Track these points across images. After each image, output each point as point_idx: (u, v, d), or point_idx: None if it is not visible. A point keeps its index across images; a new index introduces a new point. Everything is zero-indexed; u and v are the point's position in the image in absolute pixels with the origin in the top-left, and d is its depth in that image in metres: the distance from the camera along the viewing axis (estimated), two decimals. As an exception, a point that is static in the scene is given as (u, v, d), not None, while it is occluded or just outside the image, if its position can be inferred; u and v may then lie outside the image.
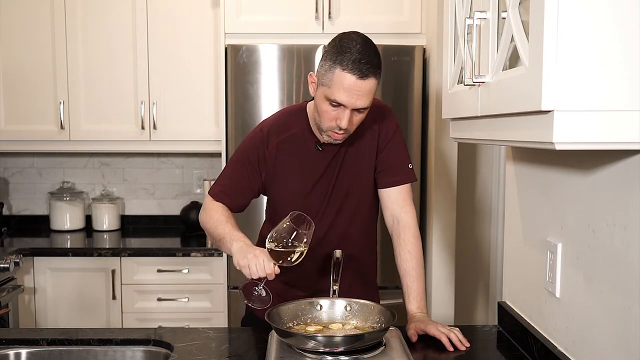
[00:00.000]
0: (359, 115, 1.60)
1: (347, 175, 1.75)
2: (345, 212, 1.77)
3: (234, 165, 1.78)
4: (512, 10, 1.04)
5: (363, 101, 1.55)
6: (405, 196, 1.78)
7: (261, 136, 1.75)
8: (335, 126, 1.59)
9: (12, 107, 3.21)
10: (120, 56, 3.18)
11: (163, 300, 3.00)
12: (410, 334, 1.61)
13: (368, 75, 1.52)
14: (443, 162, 2.80)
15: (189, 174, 3.57)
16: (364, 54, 1.52)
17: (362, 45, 1.53)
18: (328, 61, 1.55)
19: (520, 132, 1.04)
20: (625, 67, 0.90)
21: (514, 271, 1.71)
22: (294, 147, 1.73)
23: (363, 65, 1.51)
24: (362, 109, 1.57)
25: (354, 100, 1.54)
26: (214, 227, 1.69)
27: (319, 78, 1.58)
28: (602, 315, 1.21)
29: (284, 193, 1.76)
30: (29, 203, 3.61)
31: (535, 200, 1.54)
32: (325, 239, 1.75)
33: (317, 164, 1.73)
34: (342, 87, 1.52)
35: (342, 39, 1.56)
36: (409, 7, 2.86)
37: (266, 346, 1.52)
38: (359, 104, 1.55)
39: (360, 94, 1.53)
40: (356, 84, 1.52)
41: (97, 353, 1.63)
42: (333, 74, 1.53)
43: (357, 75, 1.51)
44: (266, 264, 1.49)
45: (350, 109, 1.55)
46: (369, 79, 1.52)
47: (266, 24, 2.86)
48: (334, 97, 1.54)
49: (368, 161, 1.76)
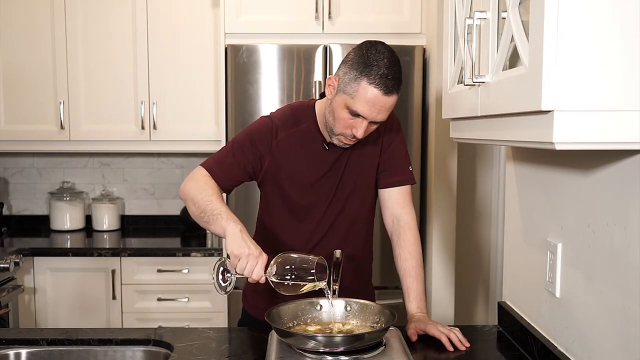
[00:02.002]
0: (374, 126, 1.61)
1: (351, 176, 1.75)
2: (346, 212, 1.77)
3: (237, 145, 1.72)
4: (512, 10, 1.04)
5: (383, 115, 1.57)
6: (406, 197, 1.78)
7: (271, 125, 1.72)
8: (350, 134, 1.60)
9: (12, 107, 3.21)
10: (120, 56, 3.18)
11: (163, 300, 3.00)
12: (410, 334, 1.61)
13: (393, 92, 1.53)
14: (443, 162, 2.80)
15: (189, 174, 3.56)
16: (391, 70, 1.52)
17: (389, 60, 1.53)
18: (354, 71, 1.54)
19: (520, 132, 1.04)
20: (625, 67, 0.90)
21: (514, 271, 1.71)
22: (301, 143, 1.72)
23: (390, 81, 1.51)
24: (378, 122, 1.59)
25: (375, 114, 1.55)
26: (206, 201, 1.59)
27: (341, 84, 1.57)
28: (602, 315, 1.21)
29: (286, 187, 1.74)
30: (29, 203, 3.61)
31: (535, 200, 1.54)
32: (325, 239, 1.75)
33: (322, 162, 1.73)
34: (365, 100, 1.53)
35: (369, 49, 1.55)
36: (409, 7, 2.86)
37: (266, 346, 1.52)
38: (379, 118, 1.57)
39: (382, 109, 1.55)
40: (381, 100, 1.53)
41: (97, 353, 1.63)
42: (358, 85, 1.53)
43: (383, 91, 1.51)
44: (257, 269, 1.44)
45: (368, 120, 1.56)
46: (393, 95, 1.54)
47: (266, 24, 2.86)
48: (356, 108, 1.54)
49: (371, 162, 1.77)
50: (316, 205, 1.74)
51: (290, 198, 1.74)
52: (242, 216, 1.81)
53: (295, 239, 1.75)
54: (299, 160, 1.72)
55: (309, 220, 1.75)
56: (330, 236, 1.75)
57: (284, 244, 1.74)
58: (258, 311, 1.83)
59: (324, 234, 1.75)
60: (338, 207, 1.75)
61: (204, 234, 3.33)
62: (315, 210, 1.74)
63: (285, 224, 1.77)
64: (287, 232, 1.77)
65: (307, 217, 1.75)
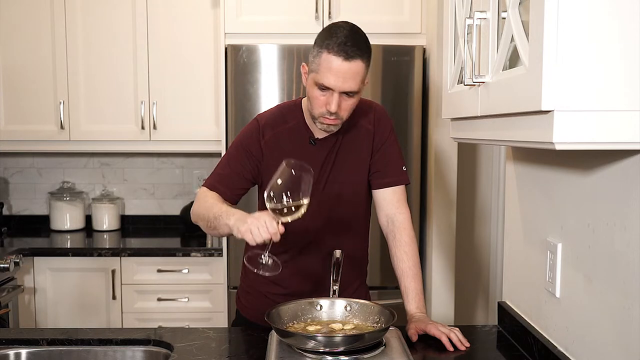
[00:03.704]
0: (349, 101, 1.61)
1: (339, 173, 1.74)
2: (338, 210, 1.76)
3: (230, 155, 1.76)
4: (512, 10, 1.04)
5: (350, 84, 1.56)
6: (400, 197, 1.78)
7: (257, 127, 1.75)
8: (325, 112, 1.61)
9: (12, 107, 3.21)
10: (121, 56, 3.19)
11: (163, 300, 3.00)
12: (410, 334, 1.60)
13: (354, 57, 1.54)
14: (443, 162, 2.80)
15: (189, 174, 3.57)
16: (350, 38, 1.55)
17: (349, 31, 1.57)
18: (316, 47, 1.58)
19: (520, 132, 1.04)
20: (625, 67, 0.90)
21: (514, 271, 1.71)
22: (288, 140, 1.73)
23: (349, 47, 1.54)
24: (350, 93, 1.59)
25: (340, 83, 1.56)
26: (209, 209, 1.62)
27: (309, 67, 1.62)
28: (602, 315, 1.21)
29: None
30: (29, 203, 3.61)
31: (535, 200, 1.54)
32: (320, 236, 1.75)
33: (310, 157, 1.72)
34: (328, 71, 1.55)
35: (330, 27, 1.60)
36: (409, 7, 2.86)
37: (266, 346, 1.52)
38: (346, 87, 1.56)
39: (347, 77, 1.55)
40: (342, 66, 1.54)
41: (97, 353, 1.63)
42: (320, 58, 1.56)
43: (343, 57, 1.53)
44: (269, 223, 1.41)
45: (338, 92, 1.57)
46: (354, 60, 1.54)
47: (266, 24, 2.86)
48: (322, 81, 1.56)
49: (362, 161, 1.76)
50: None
51: None
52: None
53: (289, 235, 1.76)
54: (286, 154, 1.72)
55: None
56: (324, 233, 1.75)
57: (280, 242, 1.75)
58: (249, 312, 1.84)
59: (317, 230, 1.74)
60: (329, 204, 1.75)
61: (204, 234, 3.33)
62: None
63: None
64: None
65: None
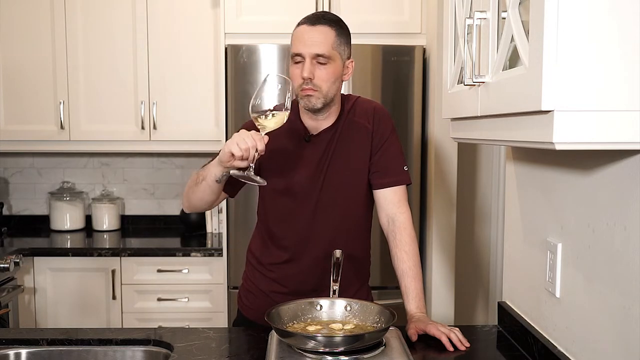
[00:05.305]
0: (323, 70, 1.65)
1: (337, 172, 1.74)
2: (337, 208, 1.76)
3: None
4: (512, 10, 1.04)
5: (318, 47, 1.62)
6: (401, 197, 1.77)
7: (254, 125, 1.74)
8: (302, 82, 1.66)
9: (12, 107, 3.21)
10: (121, 56, 3.19)
11: (163, 300, 3.00)
12: (410, 334, 1.60)
13: (319, 22, 1.64)
14: (443, 162, 2.80)
15: (189, 174, 3.56)
16: (319, 13, 1.69)
17: (322, 12, 1.68)
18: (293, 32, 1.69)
19: (520, 132, 1.04)
20: (625, 67, 0.90)
21: (514, 271, 1.71)
22: (283, 136, 1.71)
23: (314, 16, 1.66)
24: (322, 60, 1.64)
25: (308, 48, 1.62)
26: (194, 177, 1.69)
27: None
28: (602, 315, 1.21)
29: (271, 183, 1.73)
30: (29, 203, 3.61)
31: (535, 200, 1.54)
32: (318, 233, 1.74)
33: (305, 154, 1.73)
34: (296, 39, 1.66)
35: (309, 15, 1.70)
36: (409, 7, 2.86)
37: (266, 346, 1.52)
38: (314, 50, 1.62)
39: (313, 40, 1.63)
40: (307, 31, 1.64)
41: (97, 353, 1.63)
42: (293, 34, 1.67)
43: (307, 23, 1.65)
44: (254, 133, 1.51)
45: (309, 58, 1.63)
46: (319, 25, 1.64)
47: (266, 24, 2.86)
48: (293, 51, 1.65)
49: (360, 160, 1.75)
50: (305, 198, 1.74)
51: (279, 191, 1.75)
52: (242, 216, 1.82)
53: (288, 231, 1.76)
54: (282, 152, 1.73)
55: (300, 213, 1.75)
56: (324, 233, 1.75)
57: (280, 239, 1.76)
58: (251, 312, 1.84)
59: (317, 230, 1.74)
60: (328, 204, 1.75)
61: (204, 234, 3.33)
62: (305, 202, 1.74)
63: (277, 217, 1.78)
64: (281, 226, 1.78)
65: (298, 210, 1.75)
